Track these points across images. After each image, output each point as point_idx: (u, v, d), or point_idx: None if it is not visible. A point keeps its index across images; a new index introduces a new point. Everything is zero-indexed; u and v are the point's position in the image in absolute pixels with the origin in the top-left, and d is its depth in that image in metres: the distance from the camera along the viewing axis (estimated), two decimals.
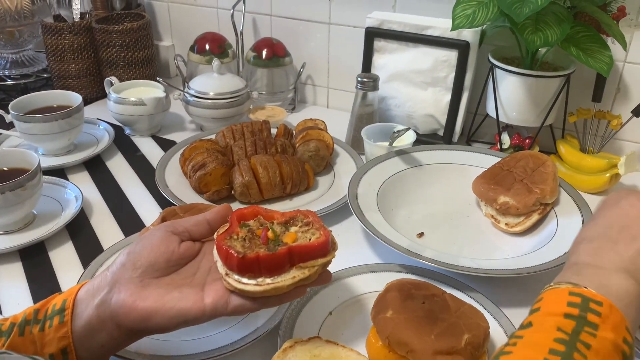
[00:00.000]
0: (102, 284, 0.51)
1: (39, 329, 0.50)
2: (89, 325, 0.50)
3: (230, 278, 0.50)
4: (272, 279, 0.50)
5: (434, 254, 0.73)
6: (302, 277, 0.50)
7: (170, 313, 0.49)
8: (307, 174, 0.93)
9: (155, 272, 0.52)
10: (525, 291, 0.74)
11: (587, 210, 0.81)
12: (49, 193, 0.91)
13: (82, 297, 0.52)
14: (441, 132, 1.12)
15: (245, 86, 1.15)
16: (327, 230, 0.53)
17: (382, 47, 1.11)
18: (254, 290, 0.49)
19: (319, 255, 0.51)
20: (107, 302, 0.50)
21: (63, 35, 1.24)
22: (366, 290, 0.71)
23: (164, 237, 0.54)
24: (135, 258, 0.52)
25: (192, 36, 1.30)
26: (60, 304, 0.51)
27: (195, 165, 0.90)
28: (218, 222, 0.57)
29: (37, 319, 0.51)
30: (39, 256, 0.80)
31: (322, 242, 0.52)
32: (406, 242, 0.76)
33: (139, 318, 0.49)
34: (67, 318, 0.50)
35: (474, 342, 0.56)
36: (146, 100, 1.10)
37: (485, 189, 0.85)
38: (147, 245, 0.53)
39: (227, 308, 0.50)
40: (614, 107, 1.04)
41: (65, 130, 1.02)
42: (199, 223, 0.56)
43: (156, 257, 0.52)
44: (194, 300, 0.50)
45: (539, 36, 0.87)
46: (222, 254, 0.51)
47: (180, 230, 0.55)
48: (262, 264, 0.50)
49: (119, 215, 0.89)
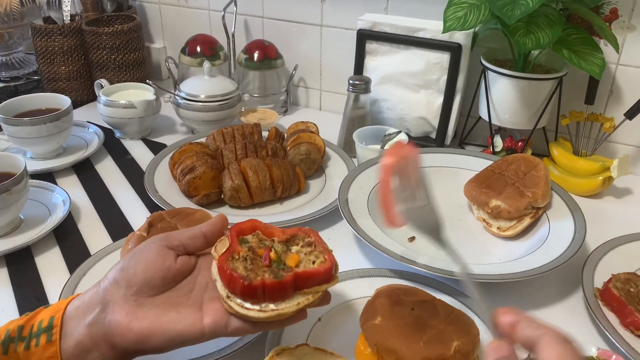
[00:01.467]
0: (94, 300, 0.49)
1: (24, 348, 0.48)
2: (79, 345, 0.48)
3: (232, 301, 0.48)
4: (275, 305, 0.48)
5: (425, 260, 0.72)
6: (307, 303, 0.49)
7: (168, 334, 0.47)
8: (298, 177, 0.93)
9: (150, 290, 0.49)
10: (517, 296, 0.73)
11: (579, 214, 0.80)
12: (36, 197, 0.90)
13: (71, 314, 0.49)
14: (433, 134, 1.11)
15: (236, 89, 1.14)
16: (331, 255, 0.52)
17: (374, 50, 1.10)
18: (258, 317, 0.48)
19: (324, 281, 0.50)
20: (100, 322, 0.48)
21: (53, 37, 1.23)
22: (356, 296, 0.70)
23: (160, 253, 0.51)
24: (129, 275, 0.49)
25: (183, 38, 1.29)
26: (47, 321, 0.48)
27: (184, 169, 0.89)
28: (214, 235, 0.55)
29: (22, 336, 0.48)
30: (24, 262, 0.79)
31: (328, 268, 0.50)
32: (398, 248, 0.75)
33: (135, 339, 0.47)
34: (56, 337, 0.48)
35: (463, 350, 0.55)
36: (136, 103, 1.09)
37: (477, 193, 0.84)
38: (142, 261, 0.50)
39: (226, 330, 0.49)
40: (607, 109, 1.03)
41: (54, 133, 1.01)
42: (194, 236, 0.54)
43: (152, 274, 0.50)
44: (192, 322, 0.48)
45: (530, 38, 0.87)
46: (224, 277, 0.49)
47: (176, 245, 0.53)
48: (267, 291, 0.48)
49: (107, 219, 0.88)
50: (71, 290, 0.69)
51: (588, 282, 0.72)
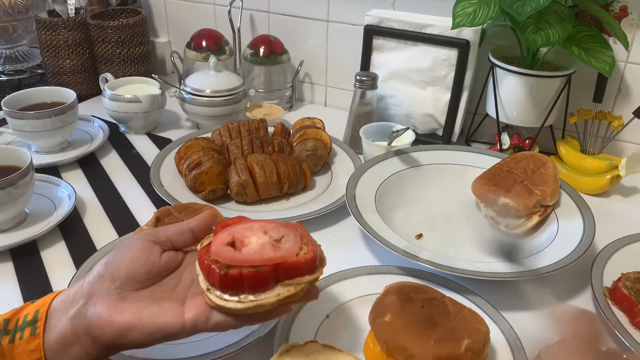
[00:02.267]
0: (78, 294, 0.49)
1: (8, 341, 0.47)
2: (62, 338, 0.47)
3: (212, 294, 0.48)
4: (255, 296, 0.47)
5: (431, 256, 0.72)
6: (287, 294, 0.48)
7: (147, 328, 0.47)
8: (304, 173, 0.92)
9: (134, 284, 0.49)
10: (525, 295, 0.73)
11: (588, 213, 0.80)
12: (42, 191, 0.89)
13: (56, 308, 0.49)
14: (440, 131, 1.10)
15: (242, 84, 1.14)
16: (315, 246, 0.50)
17: (381, 46, 1.09)
18: (236, 308, 0.47)
19: (306, 272, 0.49)
20: (82, 315, 0.47)
21: (58, 30, 1.22)
22: (364, 293, 0.70)
23: (145, 247, 0.51)
24: (113, 269, 0.49)
25: (189, 33, 1.29)
26: (32, 315, 0.48)
27: (190, 164, 0.89)
28: (202, 231, 0.54)
29: (7, 329, 0.48)
30: (30, 256, 0.78)
31: (310, 258, 0.49)
32: (404, 244, 0.74)
33: (115, 333, 0.47)
34: (40, 330, 0.47)
35: (474, 348, 0.55)
36: (141, 97, 1.09)
37: (485, 190, 0.84)
38: (126, 255, 0.50)
39: (207, 324, 0.48)
40: (615, 108, 1.03)
41: (59, 127, 1.01)
42: (182, 232, 0.54)
43: (135, 268, 0.49)
44: (173, 315, 0.48)
45: (540, 35, 0.86)
46: (204, 269, 0.49)
47: (162, 240, 0.52)
48: (246, 281, 0.47)
49: (112, 214, 0.88)
50: None
51: (597, 281, 0.71)
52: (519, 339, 0.62)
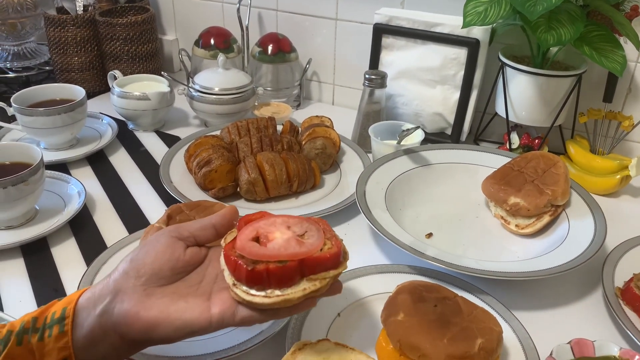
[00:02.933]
0: (104, 291, 0.49)
1: (37, 339, 0.48)
2: (90, 335, 0.48)
3: (238, 289, 0.48)
4: (281, 290, 0.48)
5: (438, 253, 0.72)
6: (313, 289, 0.48)
7: (175, 324, 0.47)
8: (313, 171, 0.92)
9: (159, 280, 0.50)
10: (536, 295, 0.73)
11: (599, 213, 0.79)
12: (52, 188, 0.89)
13: (82, 305, 0.49)
14: (449, 130, 1.10)
15: (250, 82, 1.14)
16: (338, 241, 0.51)
17: (390, 44, 1.09)
18: (263, 302, 0.47)
19: (331, 266, 0.49)
20: (109, 312, 0.48)
21: (66, 27, 1.22)
22: (374, 292, 0.70)
23: (169, 244, 0.51)
24: (138, 265, 0.50)
25: (196, 31, 1.28)
26: (60, 312, 0.49)
27: (200, 162, 0.89)
28: (225, 227, 0.55)
29: (36, 327, 0.48)
30: (41, 252, 0.78)
31: (334, 253, 0.49)
32: (411, 240, 0.74)
33: (142, 329, 0.47)
34: (68, 327, 0.48)
35: (487, 347, 0.55)
36: (150, 94, 1.09)
37: (496, 190, 0.84)
38: (151, 251, 0.51)
39: (234, 319, 0.48)
40: (625, 108, 1.02)
41: (68, 124, 1.01)
42: (205, 227, 0.54)
43: (161, 264, 0.50)
44: (200, 311, 0.48)
45: (552, 35, 0.86)
46: (230, 264, 0.49)
47: (186, 236, 0.53)
48: (272, 276, 0.48)
49: (122, 211, 0.88)
50: (89, 281, 0.69)
51: (608, 281, 0.71)
52: (531, 339, 0.62)
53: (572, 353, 0.60)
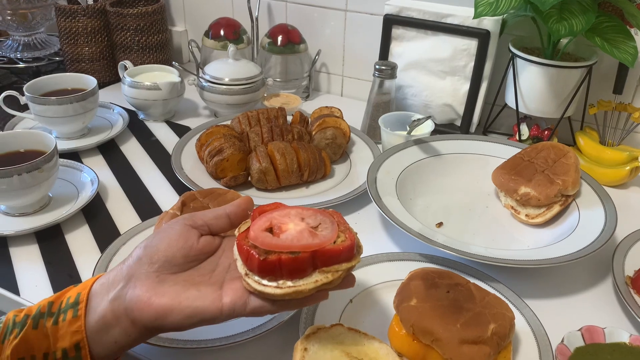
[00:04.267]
0: (118, 277, 0.50)
1: (52, 323, 0.48)
2: (102, 320, 0.48)
3: (250, 279, 0.48)
4: (293, 282, 0.48)
5: (452, 241, 0.72)
6: (325, 281, 0.48)
7: (186, 312, 0.47)
8: (324, 161, 0.92)
9: (172, 267, 0.50)
10: (547, 283, 0.73)
11: (609, 203, 0.80)
12: (65, 176, 0.90)
13: (96, 290, 0.50)
14: (458, 122, 1.11)
15: (260, 72, 1.14)
16: (352, 234, 0.51)
17: (400, 35, 1.09)
18: (274, 293, 0.47)
19: (344, 259, 0.49)
20: (121, 297, 0.48)
21: (77, 18, 1.23)
22: (386, 279, 0.70)
23: (183, 231, 0.52)
24: (152, 252, 0.50)
25: (205, 21, 1.29)
26: (74, 297, 0.50)
27: (212, 151, 0.90)
28: (239, 216, 0.55)
29: (51, 312, 0.49)
30: (55, 239, 0.79)
31: (348, 246, 0.49)
32: (419, 227, 0.75)
33: (154, 315, 0.47)
34: (81, 312, 0.48)
35: (500, 332, 0.56)
36: (161, 84, 1.09)
37: (506, 180, 0.84)
38: (164, 239, 0.51)
39: (245, 309, 0.48)
40: (635, 99, 1.02)
41: (80, 113, 1.01)
42: (219, 217, 0.54)
43: (174, 252, 0.50)
44: (211, 300, 0.48)
45: (563, 25, 0.86)
46: (242, 253, 0.49)
47: (200, 224, 0.53)
48: (284, 267, 0.47)
49: (135, 199, 0.89)
50: (104, 267, 0.70)
51: (619, 269, 0.72)
52: (542, 325, 0.63)
53: (583, 340, 0.61)
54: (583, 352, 0.60)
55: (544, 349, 0.60)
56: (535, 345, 0.61)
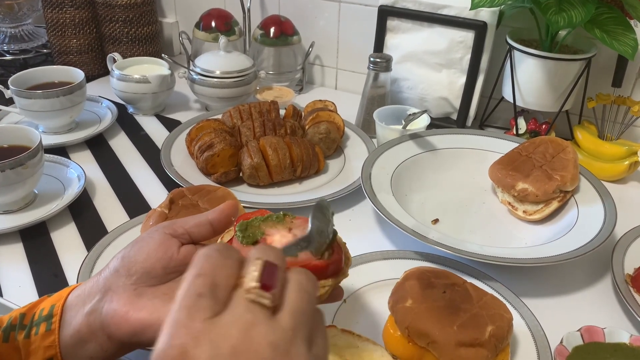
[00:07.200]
0: (94, 289, 0.47)
1: (24, 336, 0.46)
2: (77, 334, 0.46)
3: None
4: None
5: (447, 238, 0.71)
6: None
7: None
8: (317, 156, 0.90)
9: (151, 279, 0.47)
10: (545, 282, 0.71)
11: (608, 199, 0.78)
12: (51, 172, 0.88)
13: (71, 302, 0.47)
14: (454, 115, 1.09)
15: (252, 65, 1.12)
16: (339, 247, 0.48)
17: (396, 27, 1.07)
18: None
19: (331, 274, 0.46)
20: (97, 311, 0.45)
21: (64, 9, 1.20)
22: (380, 278, 0.69)
23: (162, 241, 0.48)
24: (129, 263, 0.47)
25: (196, 13, 1.26)
26: (48, 309, 0.47)
27: (202, 146, 0.87)
28: (222, 224, 0.51)
29: (23, 324, 0.46)
30: (40, 237, 0.77)
31: (334, 260, 0.46)
32: (413, 223, 0.73)
33: (131, 330, 0.45)
34: (55, 326, 0.46)
35: (497, 334, 0.54)
36: (150, 77, 1.06)
37: (503, 175, 0.82)
38: (143, 249, 0.48)
39: None
40: (634, 92, 1.01)
41: (67, 107, 0.99)
42: (201, 224, 0.50)
43: (152, 263, 0.47)
44: None
45: (562, 17, 0.84)
46: None
47: (180, 233, 0.50)
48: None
49: (123, 196, 0.86)
50: (90, 267, 0.68)
51: (618, 268, 0.70)
52: (540, 326, 0.61)
53: (582, 340, 0.60)
54: (582, 352, 0.59)
55: (542, 350, 0.58)
56: (534, 347, 0.59)
